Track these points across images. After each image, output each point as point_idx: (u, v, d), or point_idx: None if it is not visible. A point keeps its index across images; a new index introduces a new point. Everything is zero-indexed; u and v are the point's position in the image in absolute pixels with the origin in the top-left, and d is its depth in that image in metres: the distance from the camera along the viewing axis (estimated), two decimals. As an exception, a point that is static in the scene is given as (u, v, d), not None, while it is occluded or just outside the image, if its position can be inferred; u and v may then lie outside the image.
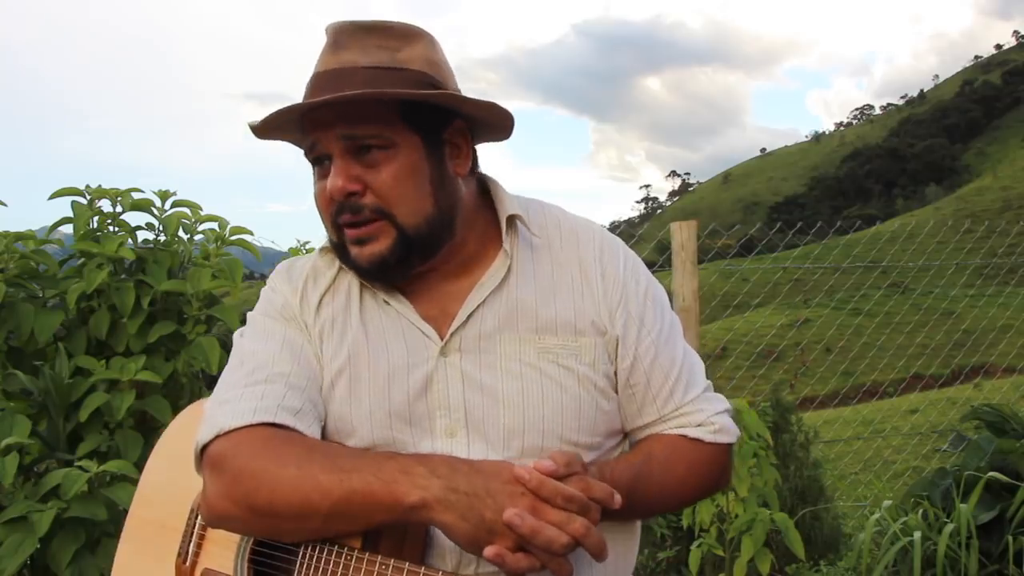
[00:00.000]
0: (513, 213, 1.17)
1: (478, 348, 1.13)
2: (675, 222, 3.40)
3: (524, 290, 1.16)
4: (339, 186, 1.08)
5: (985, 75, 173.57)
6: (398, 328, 1.15)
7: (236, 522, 1.06)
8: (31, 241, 2.32)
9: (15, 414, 1.99)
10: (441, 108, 1.12)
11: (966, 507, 2.82)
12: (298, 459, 1.02)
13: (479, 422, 1.11)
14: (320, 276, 1.20)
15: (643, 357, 1.17)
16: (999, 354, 7.16)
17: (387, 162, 1.08)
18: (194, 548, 1.15)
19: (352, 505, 0.98)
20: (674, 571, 3.33)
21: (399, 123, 1.09)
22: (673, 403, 1.18)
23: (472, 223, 1.18)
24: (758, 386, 6.73)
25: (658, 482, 1.14)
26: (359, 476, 0.98)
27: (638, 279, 1.20)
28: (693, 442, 1.18)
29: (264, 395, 1.09)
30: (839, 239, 11.65)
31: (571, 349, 1.14)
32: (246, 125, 1.16)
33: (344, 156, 1.09)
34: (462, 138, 1.16)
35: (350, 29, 1.11)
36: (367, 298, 1.18)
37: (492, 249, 1.18)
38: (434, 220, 1.11)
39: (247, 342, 1.18)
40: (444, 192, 1.12)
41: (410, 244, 1.10)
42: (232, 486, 1.03)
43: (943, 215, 54.12)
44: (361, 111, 1.07)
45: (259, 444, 1.04)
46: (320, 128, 1.09)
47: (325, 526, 1.01)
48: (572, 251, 1.20)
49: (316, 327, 1.17)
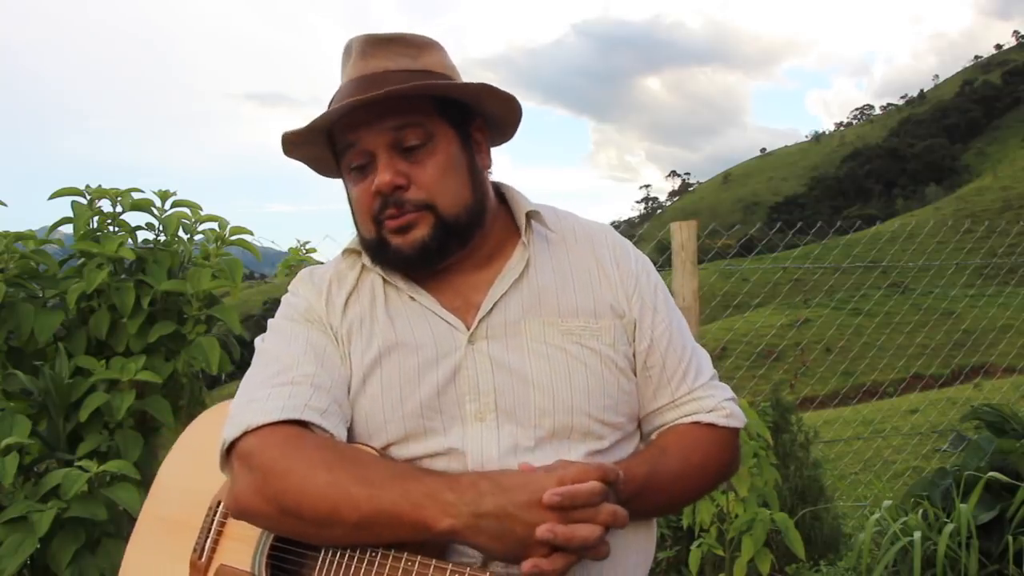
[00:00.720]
0: (531, 210, 1.23)
1: (504, 334, 1.17)
2: (675, 222, 3.40)
3: (544, 278, 1.21)
4: (387, 180, 1.13)
5: (985, 75, 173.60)
6: (425, 321, 1.18)
7: (263, 519, 1.08)
8: (31, 241, 2.32)
9: (15, 414, 1.99)
10: (466, 105, 1.20)
11: (966, 507, 2.82)
12: (328, 464, 1.03)
13: (509, 404, 1.14)
14: (344, 278, 1.24)
15: (659, 340, 1.22)
16: (999, 354, 7.17)
17: (429, 156, 1.15)
18: (211, 544, 1.16)
19: (379, 523, 1.00)
20: (674, 571, 3.33)
21: (436, 118, 1.16)
22: (685, 386, 1.23)
23: (494, 218, 1.23)
24: (758, 386, 6.74)
25: (676, 472, 1.17)
26: (388, 495, 0.99)
27: (649, 274, 1.27)
28: (706, 428, 1.22)
29: (291, 395, 1.11)
30: (839, 239, 11.66)
31: (592, 330, 1.19)
32: (280, 138, 1.20)
33: (389, 152, 1.14)
34: (482, 135, 1.24)
35: (373, 40, 1.19)
36: (392, 295, 1.21)
37: (510, 245, 1.23)
38: (471, 208, 1.17)
39: (270, 346, 1.20)
40: (478, 182, 1.20)
41: (449, 231, 1.15)
42: (262, 483, 1.05)
43: (943, 215, 54.12)
44: (402, 109, 1.14)
45: (289, 442, 1.06)
46: (363, 127, 1.15)
47: (350, 535, 1.02)
48: (587, 247, 1.26)
49: (343, 328, 1.20)
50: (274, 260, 2.95)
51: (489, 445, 1.12)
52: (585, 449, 1.15)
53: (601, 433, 1.16)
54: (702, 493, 1.27)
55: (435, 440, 1.13)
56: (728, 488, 2.61)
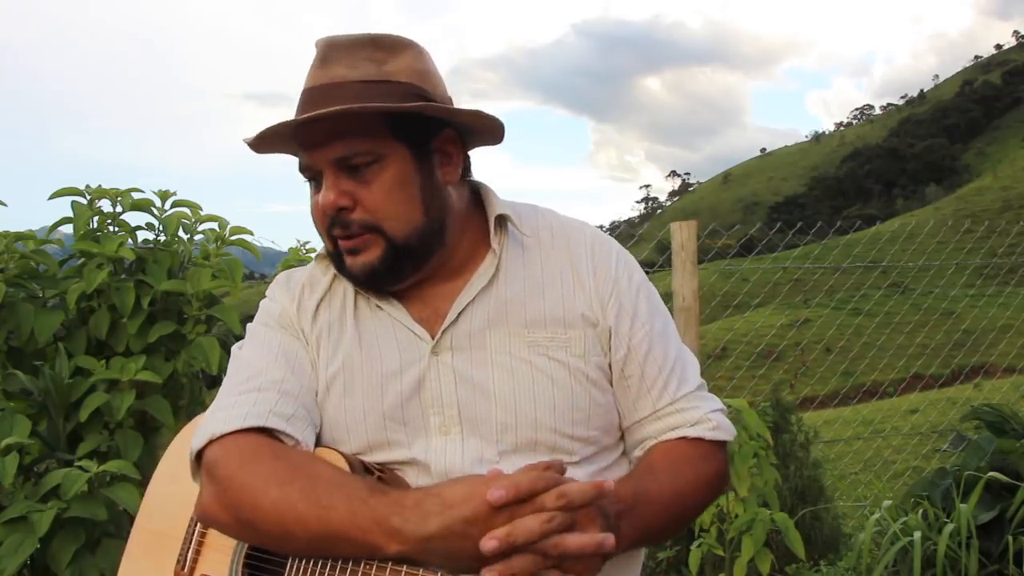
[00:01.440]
0: (501, 213, 1.19)
1: (469, 345, 1.14)
2: (675, 222, 3.40)
3: (513, 288, 1.17)
4: (330, 201, 1.10)
5: (985, 75, 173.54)
6: (391, 332, 1.17)
7: (226, 528, 1.08)
8: (31, 241, 2.32)
9: (15, 414, 1.99)
10: (429, 118, 1.13)
11: (966, 507, 2.82)
12: (280, 480, 1.02)
13: (472, 418, 1.12)
14: (316, 283, 1.23)
15: (637, 348, 1.17)
16: (999, 354, 7.16)
17: (376, 176, 1.10)
18: (192, 555, 1.17)
19: (331, 543, 0.99)
20: (674, 571, 3.33)
21: (387, 136, 1.10)
22: (667, 396, 1.18)
23: (464, 228, 1.19)
24: (758, 386, 6.74)
25: (668, 490, 1.11)
26: (336, 517, 0.98)
27: (631, 275, 1.22)
28: (693, 442, 1.17)
29: (256, 402, 1.10)
30: (839, 239, 11.64)
31: (560, 341, 1.15)
32: (242, 141, 1.18)
33: (335, 172, 1.11)
34: (452, 146, 1.17)
35: (338, 44, 1.13)
36: (361, 304, 1.20)
37: (483, 250, 1.20)
38: (424, 230, 1.12)
39: (244, 352, 1.20)
40: (434, 201, 1.14)
41: (399, 254, 1.12)
42: (223, 494, 1.05)
43: (943, 215, 54.12)
44: (349, 126, 1.09)
45: (247, 453, 1.06)
46: (310, 146, 1.11)
47: (309, 549, 1.02)
48: (563, 250, 1.21)
49: (313, 333, 1.19)
50: (274, 260, 2.95)
51: (453, 458, 1.10)
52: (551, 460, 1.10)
53: (570, 448, 1.13)
54: (697, 509, 1.19)
55: (399, 451, 1.12)
56: (728, 488, 2.61)
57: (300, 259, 2.65)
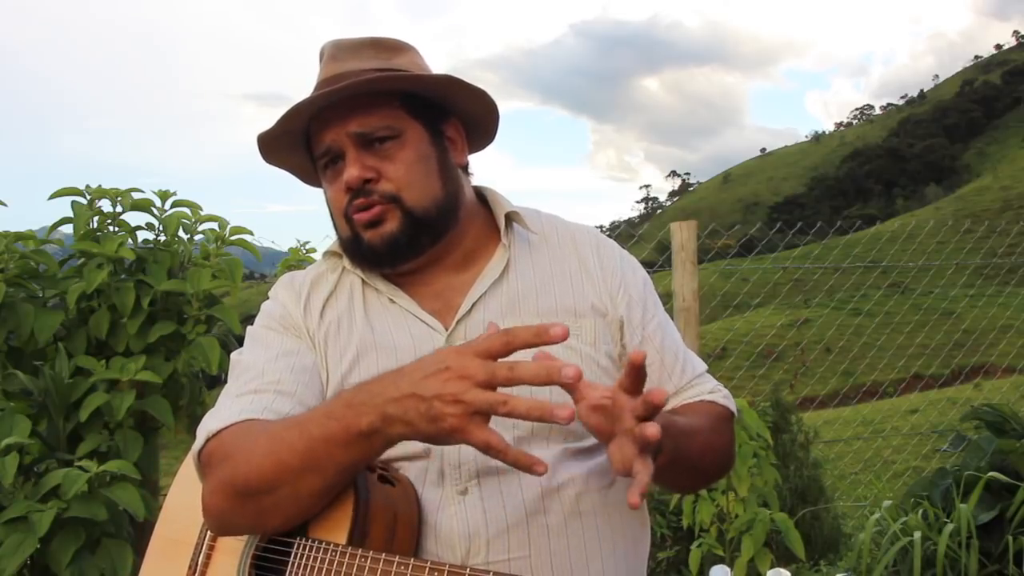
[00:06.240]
0: (511, 211, 1.23)
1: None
2: (675, 222, 3.40)
3: (523, 281, 1.21)
4: (355, 175, 1.14)
5: (985, 75, 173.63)
6: (403, 323, 1.19)
7: (225, 513, 1.07)
8: (31, 241, 2.32)
9: (15, 414, 1.99)
10: (437, 105, 1.21)
11: (966, 507, 2.82)
12: (267, 430, 1.04)
13: None
14: (323, 281, 1.24)
15: (652, 337, 1.23)
16: (999, 354, 7.16)
17: (397, 151, 1.16)
18: (203, 560, 1.17)
19: (319, 453, 0.98)
20: (674, 571, 3.33)
21: (403, 114, 1.17)
22: (686, 377, 1.24)
23: (472, 218, 1.24)
24: (758, 386, 6.73)
25: (696, 426, 1.15)
26: (315, 421, 0.99)
27: (635, 271, 1.28)
28: (710, 405, 1.23)
29: (252, 401, 1.12)
30: (839, 239, 11.64)
31: (572, 330, 1.14)
32: (255, 140, 1.23)
33: (357, 148, 1.16)
34: (457, 134, 1.24)
35: (344, 45, 1.21)
36: (371, 298, 1.22)
37: (491, 246, 1.24)
38: (442, 203, 1.17)
39: (244, 356, 1.21)
40: (450, 178, 1.20)
41: (418, 224, 1.16)
42: (217, 478, 1.06)
43: (943, 215, 54.10)
44: (368, 105, 1.15)
45: (240, 433, 1.07)
46: (332, 126, 1.16)
47: (299, 485, 1.00)
48: (569, 247, 1.26)
49: (320, 332, 1.20)
50: (274, 260, 2.95)
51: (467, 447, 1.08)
52: (564, 446, 1.14)
53: (582, 433, 1.13)
54: (716, 463, 1.22)
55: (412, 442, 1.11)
56: (728, 488, 2.61)
57: (300, 259, 2.65)
